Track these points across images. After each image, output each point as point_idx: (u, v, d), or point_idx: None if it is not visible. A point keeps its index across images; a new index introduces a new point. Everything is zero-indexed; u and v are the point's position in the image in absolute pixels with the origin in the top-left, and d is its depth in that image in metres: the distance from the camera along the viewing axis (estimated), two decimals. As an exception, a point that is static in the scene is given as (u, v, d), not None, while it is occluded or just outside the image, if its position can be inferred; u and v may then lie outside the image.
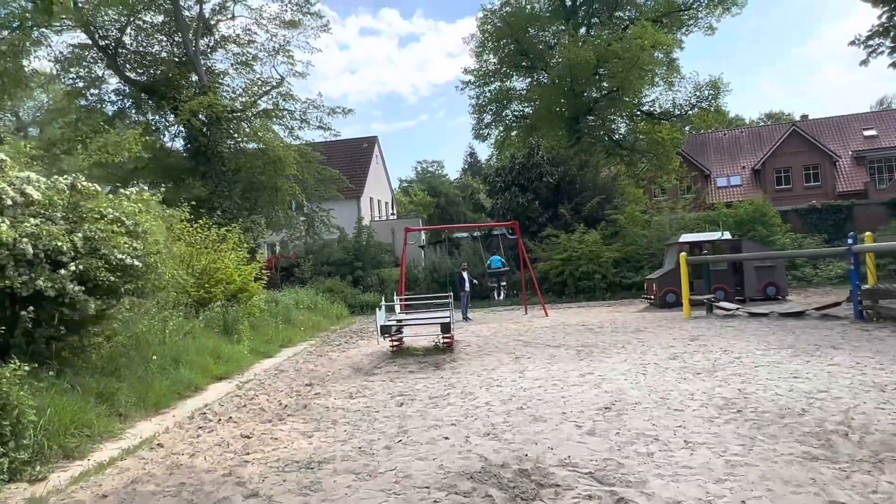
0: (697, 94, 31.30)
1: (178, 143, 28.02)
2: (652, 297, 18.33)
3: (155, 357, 8.69)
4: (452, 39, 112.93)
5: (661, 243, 21.94)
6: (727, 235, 17.85)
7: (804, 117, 43.93)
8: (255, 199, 28.08)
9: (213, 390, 8.90)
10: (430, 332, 11.61)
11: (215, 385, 9.28)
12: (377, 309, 10.59)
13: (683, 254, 14.67)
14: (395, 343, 11.24)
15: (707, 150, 44.01)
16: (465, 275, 18.68)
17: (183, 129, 26.28)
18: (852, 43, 20.50)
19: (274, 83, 27.95)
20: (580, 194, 25.37)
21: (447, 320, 10.52)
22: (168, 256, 8.33)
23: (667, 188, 31.78)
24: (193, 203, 14.82)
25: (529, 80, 32.73)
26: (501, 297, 20.45)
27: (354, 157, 43.07)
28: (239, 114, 26.95)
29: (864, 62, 20.69)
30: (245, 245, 16.24)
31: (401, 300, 13.91)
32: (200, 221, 14.01)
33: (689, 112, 32.47)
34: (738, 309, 14.35)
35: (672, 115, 31.73)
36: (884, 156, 39.04)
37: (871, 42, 19.98)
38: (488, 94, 32.78)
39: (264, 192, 27.83)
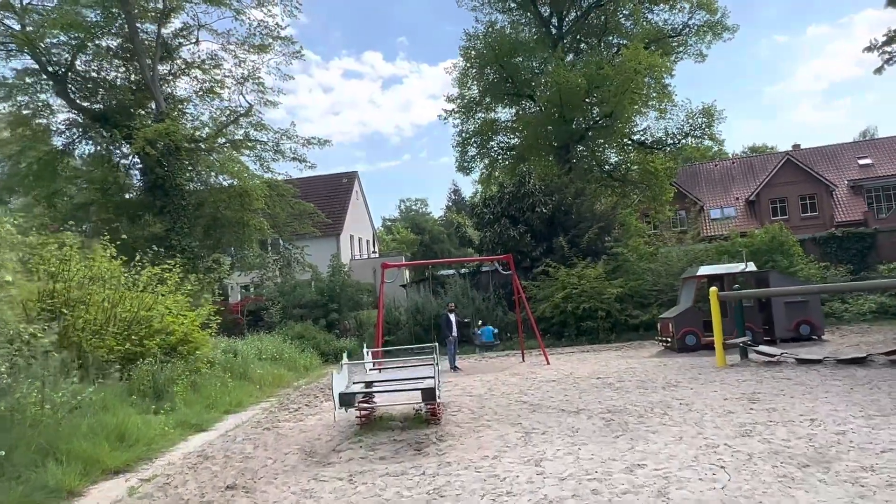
0: (690, 122, 29.76)
1: (135, 178, 25.61)
2: (668, 339, 15.92)
3: (2, 452, 5.94)
4: (435, 81, 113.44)
5: (670, 278, 19.67)
6: (752, 267, 15.61)
7: (796, 146, 42.75)
8: (220, 237, 25.55)
9: (90, 498, 6.13)
10: (409, 400, 8.89)
11: (101, 486, 6.50)
12: (334, 373, 7.80)
13: (714, 289, 12.31)
14: (363, 414, 8.49)
15: (699, 182, 42.60)
16: (451, 317, 16.14)
17: (138, 161, 23.85)
18: (868, 48, 19.07)
19: (242, 111, 25.81)
20: (577, 225, 23.18)
21: (431, 384, 7.82)
22: (6, 301, 5.69)
23: (667, 217, 29.86)
24: (123, 239, 12.21)
25: (516, 109, 31.01)
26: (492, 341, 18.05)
27: (333, 193, 40.92)
28: (203, 143, 24.62)
29: (879, 70, 19.19)
30: (189, 287, 13.58)
31: (374, 354, 11.20)
32: (122, 258, 11.36)
33: (682, 141, 30.90)
34: (782, 354, 11.93)
35: (665, 145, 30.09)
36: (882, 184, 37.83)
37: (887, 48, 18.50)
38: (472, 127, 30.89)
39: (230, 228, 25.34)
